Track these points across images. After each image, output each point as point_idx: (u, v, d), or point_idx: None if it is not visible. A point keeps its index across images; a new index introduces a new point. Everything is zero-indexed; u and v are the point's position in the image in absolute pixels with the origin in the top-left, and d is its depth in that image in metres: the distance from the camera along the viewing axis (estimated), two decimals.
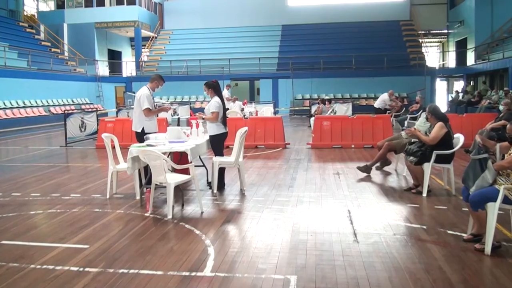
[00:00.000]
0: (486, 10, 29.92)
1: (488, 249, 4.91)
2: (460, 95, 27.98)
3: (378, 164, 9.51)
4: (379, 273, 4.47)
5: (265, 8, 36.42)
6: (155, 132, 8.02)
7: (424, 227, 5.92)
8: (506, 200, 4.91)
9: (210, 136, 8.04)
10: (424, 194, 7.52)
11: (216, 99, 7.96)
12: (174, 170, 7.20)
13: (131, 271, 4.57)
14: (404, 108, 19.52)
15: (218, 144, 8.09)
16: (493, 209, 4.89)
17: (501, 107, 11.19)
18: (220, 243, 5.37)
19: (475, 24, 31.01)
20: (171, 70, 31.85)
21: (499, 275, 4.43)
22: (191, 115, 13.86)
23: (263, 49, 33.15)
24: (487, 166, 5.05)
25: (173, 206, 6.58)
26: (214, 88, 8.03)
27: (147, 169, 7.02)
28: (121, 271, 4.57)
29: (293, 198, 7.50)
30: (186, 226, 6.03)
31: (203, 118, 8.00)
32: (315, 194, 7.78)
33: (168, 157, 7.23)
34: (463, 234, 5.48)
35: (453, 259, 4.81)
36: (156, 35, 37.79)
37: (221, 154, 8.06)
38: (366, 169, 9.28)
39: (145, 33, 36.00)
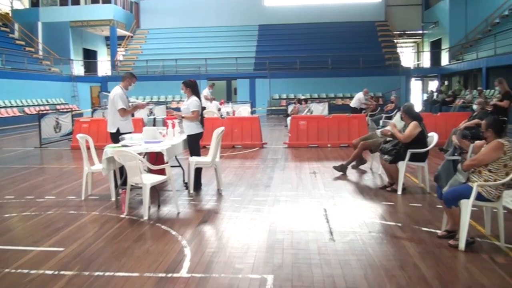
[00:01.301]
0: (460, 12, 30.44)
1: (462, 245, 5.00)
2: (435, 94, 28.40)
3: (353, 163, 9.60)
4: (355, 271, 4.51)
5: (242, 8, 36.40)
6: (131, 133, 7.95)
7: (399, 224, 5.99)
8: (479, 197, 5.02)
9: (189, 135, 8.00)
10: (399, 192, 7.62)
11: (195, 98, 7.95)
12: (150, 171, 7.14)
13: (107, 273, 4.51)
14: (379, 108, 19.73)
15: (195, 144, 8.08)
16: (466, 206, 4.98)
17: (474, 107, 11.39)
18: (196, 244, 5.35)
19: (449, 25, 31.54)
20: (147, 69, 31.60)
21: (473, 270, 4.51)
22: (167, 115, 13.76)
23: (240, 49, 33.11)
24: (457, 169, 5.15)
25: (149, 207, 6.52)
26: (192, 87, 8.02)
27: (122, 170, 6.94)
28: (96, 273, 4.51)
29: (270, 197, 7.51)
30: (162, 227, 5.99)
31: (182, 117, 7.96)
32: (292, 193, 7.81)
33: (143, 157, 7.17)
34: (438, 231, 5.57)
35: (428, 256, 4.89)
36: (132, 34, 37.43)
37: (198, 154, 8.04)
38: (342, 168, 9.35)
39: (120, 32, 35.62)
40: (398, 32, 36.39)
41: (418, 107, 28.00)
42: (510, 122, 11.64)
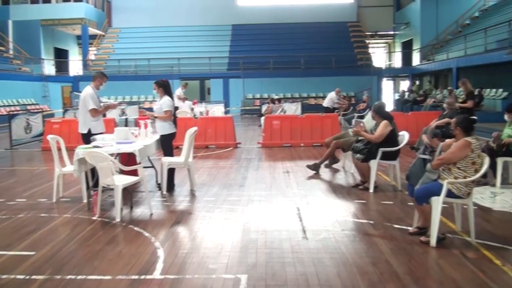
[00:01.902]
0: (431, 13, 30.98)
1: (433, 241, 5.09)
2: (406, 94, 28.84)
3: (326, 162, 9.67)
4: (328, 269, 4.55)
5: (215, 7, 36.24)
6: (102, 133, 7.85)
7: (371, 222, 6.07)
8: (449, 194, 5.12)
9: (162, 135, 7.96)
10: (371, 190, 7.71)
11: (168, 98, 7.92)
12: (122, 172, 7.07)
13: (79, 277, 4.45)
14: (351, 107, 19.94)
15: (169, 144, 8.04)
16: (437, 203, 5.08)
17: (445, 105, 11.58)
18: (170, 245, 5.32)
19: (420, 26, 32.04)
20: (119, 69, 31.22)
21: (444, 266, 4.60)
22: (139, 115, 13.63)
23: (213, 48, 33.01)
24: (426, 169, 5.25)
25: (121, 209, 6.45)
26: (164, 87, 7.98)
27: (94, 171, 6.86)
28: (68, 277, 4.45)
29: (244, 197, 7.52)
30: (135, 228, 5.94)
31: (155, 117, 7.91)
32: (266, 192, 7.83)
33: (115, 158, 7.09)
34: (409, 228, 5.66)
35: (400, 252, 4.96)
36: (103, 33, 36.91)
37: (171, 154, 8.00)
38: (315, 167, 9.42)
39: (92, 31, 35.08)
40: (370, 33, 36.82)
41: (389, 107, 28.44)
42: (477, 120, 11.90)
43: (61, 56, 37.00)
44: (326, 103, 19.51)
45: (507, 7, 26.13)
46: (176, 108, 19.06)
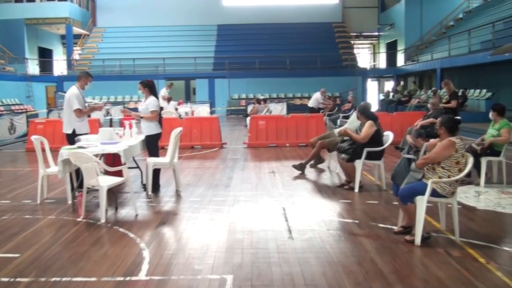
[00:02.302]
0: (415, 14, 31.24)
1: (418, 240, 5.14)
2: (391, 94, 29.05)
3: (312, 162, 9.71)
4: (313, 268, 4.57)
5: (200, 7, 36.15)
6: (87, 134, 7.80)
7: (357, 221, 6.10)
8: (434, 193, 5.17)
9: (148, 136, 7.92)
10: (356, 190, 7.76)
11: (154, 98, 7.91)
12: (106, 173, 7.02)
13: (64, 279, 4.40)
14: (336, 108, 20.04)
15: (155, 144, 8.01)
16: (421, 202, 5.12)
17: (429, 106, 11.68)
18: (155, 246, 5.29)
19: (405, 27, 32.30)
20: (103, 69, 30.99)
21: (429, 264, 4.64)
22: (124, 115, 13.55)
23: (199, 48, 32.93)
24: (411, 168, 5.30)
25: (106, 210, 6.39)
26: (150, 87, 7.96)
27: (79, 172, 6.80)
28: (53, 279, 4.39)
29: (229, 197, 7.51)
30: (120, 229, 5.90)
31: (141, 117, 7.87)
32: (251, 193, 7.84)
33: (100, 159, 7.04)
34: (394, 227, 5.70)
35: (385, 251, 5.00)
36: (88, 33, 36.59)
37: (157, 155, 7.97)
38: (301, 167, 9.45)
39: (76, 30, 34.72)
40: (355, 34, 37.04)
41: (374, 107, 28.57)
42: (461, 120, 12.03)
43: (45, 55, 36.57)
44: (311, 103, 19.57)
45: (491, 9, 26.50)
46: (161, 109, 18.99)
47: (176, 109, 17.94)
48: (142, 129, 7.99)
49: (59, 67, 36.49)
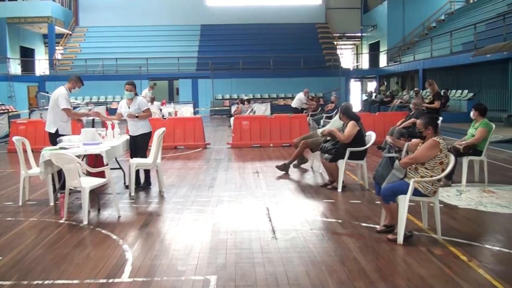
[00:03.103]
0: (397, 15, 31.53)
1: (400, 238, 5.18)
2: (374, 95, 29.26)
3: (295, 162, 9.73)
4: (297, 268, 4.58)
5: (184, 7, 35.98)
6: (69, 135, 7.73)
7: (340, 221, 6.14)
8: (415, 193, 5.21)
9: (144, 134, 8.16)
10: (339, 190, 7.80)
11: (141, 97, 8.28)
12: (89, 174, 6.96)
13: (46, 281, 4.35)
14: (320, 108, 20.12)
15: (147, 143, 8.23)
16: (403, 201, 5.17)
17: (411, 106, 11.78)
18: (138, 247, 5.26)
19: (387, 28, 32.57)
20: (86, 69, 30.65)
21: (411, 263, 4.69)
22: (107, 116, 13.42)
23: (182, 48, 32.78)
24: (394, 166, 5.34)
25: (88, 211, 6.34)
26: (135, 88, 8.20)
27: (61, 173, 6.73)
28: (35, 282, 4.34)
29: (213, 198, 7.50)
30: (103, 231, 5.85)
31: (136, 116, 7.95)
32: (235, 193, 7.84)
33: (82, 160, 6.98)
34: (377, 226, 5.75)
35: (368, 250, 5.04)
36: (70, 32, 36.17)
37: (145, 154, 8.10)
38: (285, 168, 9.47)
39: (59, 29, 34.23)
40: (338, 34, 37.15)
41: (357, 107, 28.84)
42: (443, 120, 12.18)
43: (27, 55, 36.04)
44: (294, 103, 19.64)
45: (473, 11, 26.87)
46: None
47: (160, 110, 17.88)
48: (137, 128, 8.11)
49: (41, 67, 36.00)
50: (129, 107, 8.11)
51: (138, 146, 8.14)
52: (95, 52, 32.54)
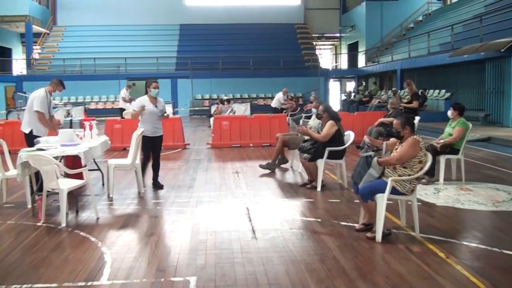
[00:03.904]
0: (376, 16, 31.85)
1: (378, 237, 5.24)
2: (352, 95, 29.49)
3: (276, 162, 9.75)
4: (276, 267, 4.60)
5: (163, 6, 35.75)
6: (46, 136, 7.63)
7: (319, 220, 6.18)
8: (393, 191, 5.28)
9: (162, 135, 8.33)
10: (319, 189, 7.85)
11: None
12: (67, 175, 6.88)
13: (24, 286, 4.27)
14: (299, 108, 20.21)
15: None
16: (382, 200, 5.23)
17: (388, 106, 11.90)
18: (117, 249, 5.20)
19: (365, 29, 32.92)
20: (64, 69, 30.23)
21: (390, 260, 4.74)
22: (84, 117, 13.32)
23: (161, 48, 32.57)
24: (371, 164, 5.39)
25: (66, 214, 6.25)
26: None
27: (38, 175, 6.63)
28: (13, 286, 4.26)
29: (193, 198, 7.48)
30: (81, 233, 5.78)
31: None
32: (215, 193, 7.83)
33: (60, 161, 6.89)
34: (355, 225, 5.80)
35: (347, 248, 5.08)
36: (48, 32, 35.61)
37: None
38: (268, 166, 9.49)
39: (36, 28, 33.66)
40: (317, 35, 37.41)
41: (336, 107, 28.99)
42: (420, 120, 12.32)
43: (4, 54, 35.36)
44: (274, 103, 19.70)
45: (450, 12, 27.30)
46: (122, 110, 18.82)
47: None
48: (158, 129, 8.20)
49: (19, 66, 35.41)
50: (156, 106, 8.08)
51: (157, 147, 8.22)
52: (73, 52, 32.14)
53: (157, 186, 8.20)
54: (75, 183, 6.44)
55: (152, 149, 8.13)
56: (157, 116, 8.13)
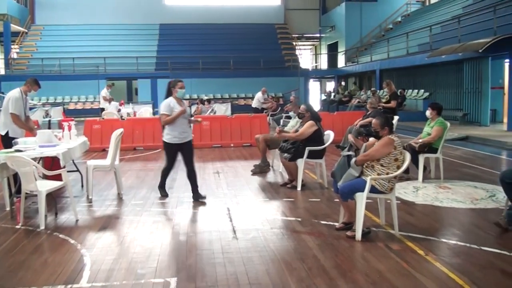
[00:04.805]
0: (355, 17, 32.04)
1: (358, 235, 5.29)
2: (332, 94, 29.67)
3: (253, 168, 9.67)
4: (257, 267, 4.62)
5: (142, 6, 35.47)
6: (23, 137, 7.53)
7: (299, 219, 6.21)
8: (373, 190, 5.34)
9: (191, 140, 7.58)
10: (299, 188, 7.90)
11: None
12: (45, 177, 6.80)
13: None
14: (279, 107, 20.27)
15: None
16: (361, 199, 5.29)
17: (367, 106, 12.03)
18: (96, 252, 5.15)
19: (345, 29, 33.11)
20: (42, 68, 29.71)
21: (370, 258, 4.80)
22: (63, 117, 13.16)
23: (141, 48, 32.30)
24: (351, 164, 5.45)
25: (45, 216, 6.17)
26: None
27: (16, 177, 6.54)
28: None
29: (173, 199, 7.45)
30: (60, 236, 5.71)
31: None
32: None
33: (38, 162, 6.80)
34: (335, 223, 5.84)
35: (327, 247, 5.12)
36: (26, 31, 35.04)
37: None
38: (261, 169, 9.46)
39: (14, 27, 33.02)
40: (297, 35, 37.53)
41: (316, 107, 29.10)
42: (399, 119, 12.47)
43: None
44: (254, 104, 19.75)
45: (428, 13, 27.66)
46: (102, 110, 18.63)
47: (119, 110, 17.64)
48: (187, 134, 7.48)
49: None
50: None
51: (189, 154, 7.45)
52: (51, 52, 31.62)
53: (199, 197, 7.31)
54: (54, 184, 6.36)
55: (182, 156, 7.46)
56: (186, 119, 7.47)
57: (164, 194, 7.59)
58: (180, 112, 7.21)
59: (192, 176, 7.42)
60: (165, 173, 7.62)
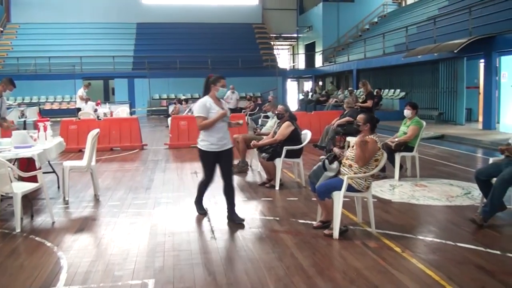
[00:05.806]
0: (332, 17, 32.28)
1: (336, 233, 5.34)
2: (310, 94, 29.83)
3: (235, 169, 9.66)
4: (235, 267, 4.64)
5: (119, 4, 35.11)
6: None
7: (277, 218, 6.25)
8: (349, 188, 5.40)
9: (231, 148, 6.42)
10: (277, 188, 7.94)
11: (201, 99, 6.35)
12: (21, 178, 6.69)
13: None
14: (258, 107, 20.32)
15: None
16: (338, 197, 5.34)
17: (344, 105, 12.13)
18: (73, 254, 5.09)
19: (322, 29, 33.34)
20: (18, 68, 29.14)
21: (347, 256, 4.85)
22: (39, 117, 12.98)
23: (117, 47, 32.00)
24: (327, 168, 5.50)
25: (21, 218, 6.08)
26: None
27: None
28: None
29: (150, 200, 7.41)
30: (37, 238, 5.63)
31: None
32: (173, 194, 7.78)
33: (14, 164, 6.70)
34: (313, 222, 5.89)
35: (304, 246, 5.15)
36: (1, 29, 34.33)
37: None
38: (241, 169, 9.43)
39: None
40: (275, 35, 37.63)
41: (294, 107, 29.29)
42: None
43: None
44: (230, 104, 19.73)
45: (404, 14, 28.02)
46: (78, 110, 18.44)
47: (95, 110, 17.47)
48: (227, 141, 6.25)
49: None
50: (223, 109, 6.20)
51: (228, 165, 6.29)
52: (27, 50, 31.04)
53: (236, 220, 6.05)
54: (29, 186, 6.27)
55: (219, 167, 6.28)
56: (226, 123, 6.27)
57: (201, 212, 6.51)
58: (221, 115, 6.02)
59: (229, 193, 6.22)
60: (203, 187, 6.49)
